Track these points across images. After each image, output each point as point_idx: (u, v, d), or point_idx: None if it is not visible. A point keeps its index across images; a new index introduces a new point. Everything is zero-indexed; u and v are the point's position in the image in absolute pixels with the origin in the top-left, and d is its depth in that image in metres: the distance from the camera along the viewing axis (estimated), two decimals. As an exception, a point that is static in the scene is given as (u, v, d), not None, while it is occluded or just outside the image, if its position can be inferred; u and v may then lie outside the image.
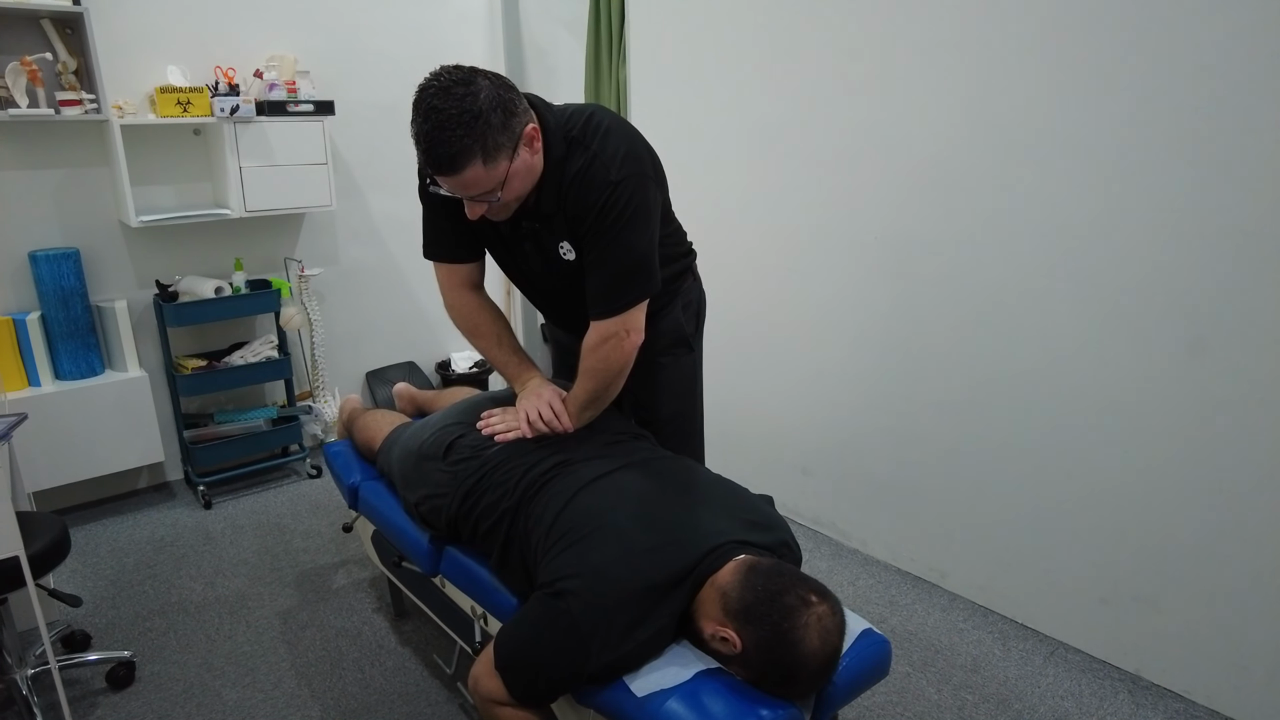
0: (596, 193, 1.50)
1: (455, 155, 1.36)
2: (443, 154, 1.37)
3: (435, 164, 1.39)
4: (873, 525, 2.72)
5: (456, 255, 1.74)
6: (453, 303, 1.81)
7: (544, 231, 1.61)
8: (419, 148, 1.40)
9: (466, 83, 1.36)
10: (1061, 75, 1.98)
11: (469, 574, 1.69)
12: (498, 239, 1.71)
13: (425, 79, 1.40)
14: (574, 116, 1.56)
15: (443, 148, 1.36)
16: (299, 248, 3.45)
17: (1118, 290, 1.97)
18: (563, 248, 1.62)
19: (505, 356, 1.82)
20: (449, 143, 1.36)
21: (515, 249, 1.69)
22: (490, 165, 1.40)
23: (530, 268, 1.72)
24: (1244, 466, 1.84)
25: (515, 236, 1.66)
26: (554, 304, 1.87)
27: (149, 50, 2.94)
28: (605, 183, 1.50)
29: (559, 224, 1.58)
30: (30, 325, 2.75)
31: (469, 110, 1.35)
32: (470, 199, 1.46)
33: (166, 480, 3.32)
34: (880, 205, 2.44)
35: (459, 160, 1.37)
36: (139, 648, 2.27)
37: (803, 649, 1.22)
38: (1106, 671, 2.14)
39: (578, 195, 1.52)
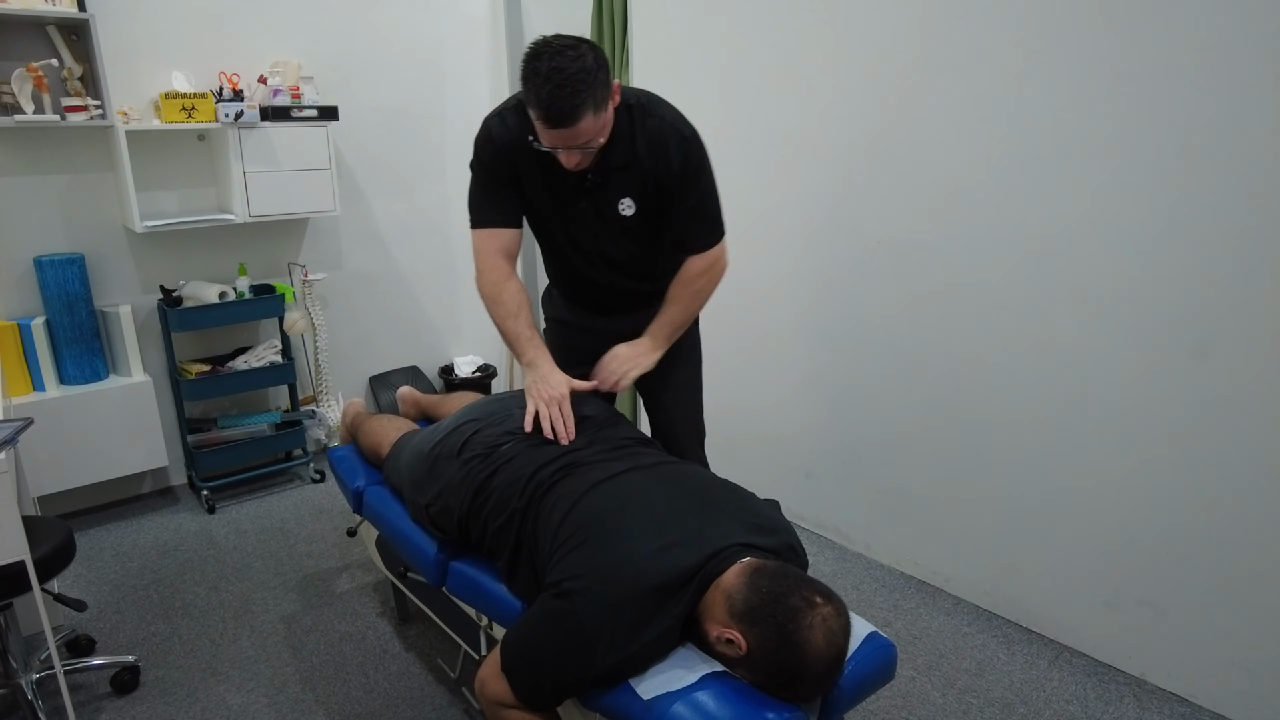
0: (677, 147, 1.73)
1: (576, 107, 1.53)
2: (565, 107, 1.53)
3: (557, 117, 1.54)
4: (877, 529, 2.72)
5: (503, 221, 1.83)
6: (486, 268, 1.84)
7: (607, 187, 1.76)
8: (538, 105, 1.54)
9: (575, 46, 1.55)
10: (1064, 77, 1.98)
11: (475, 588, 1.68)
12: (555, 204, 1.81)
13: (534, 47, 1.55)
14: (628, 91, 1.76)
15: (565, 102, 1.52)
16: (303, 253, 3.46)
17: (1121, 294, 1.97)
18: (623, 204, 1.78)
19: (518, 329, 1.83)
20: (571, 97, 1.52)
21: (572, 211, 1.82)
22: (598, 115, 1.58)
23: (584, 228, 1.84)
24: (1249, 470, 1.84)
25: (575, 195, 1.79)
26: (592, 271, 1.92)
27: (154, 56, 2.95)
28: (681, 138, 1.74)
29: (625, 180, 1.75)
30: (35, 330, 2.76)
31: (585, 69, 1.53)
32: (575, 148, 1.62)
33: (170, 485, 3.33)
34: (883, 210, 2.44)
35: (578, 112, 1.54)
36: (143, 652, 2.27)
37: (808, 650, 1.22)
38: (1111, 675, 2.13)
39: (659, 152, 1.72)
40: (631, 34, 3.20)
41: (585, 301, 2.02)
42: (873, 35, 2.37)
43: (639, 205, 1.79)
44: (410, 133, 3.63)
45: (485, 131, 1.79)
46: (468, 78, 3.77)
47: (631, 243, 1.85)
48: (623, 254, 1.86)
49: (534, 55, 1.55)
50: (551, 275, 2.08)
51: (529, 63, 1.55)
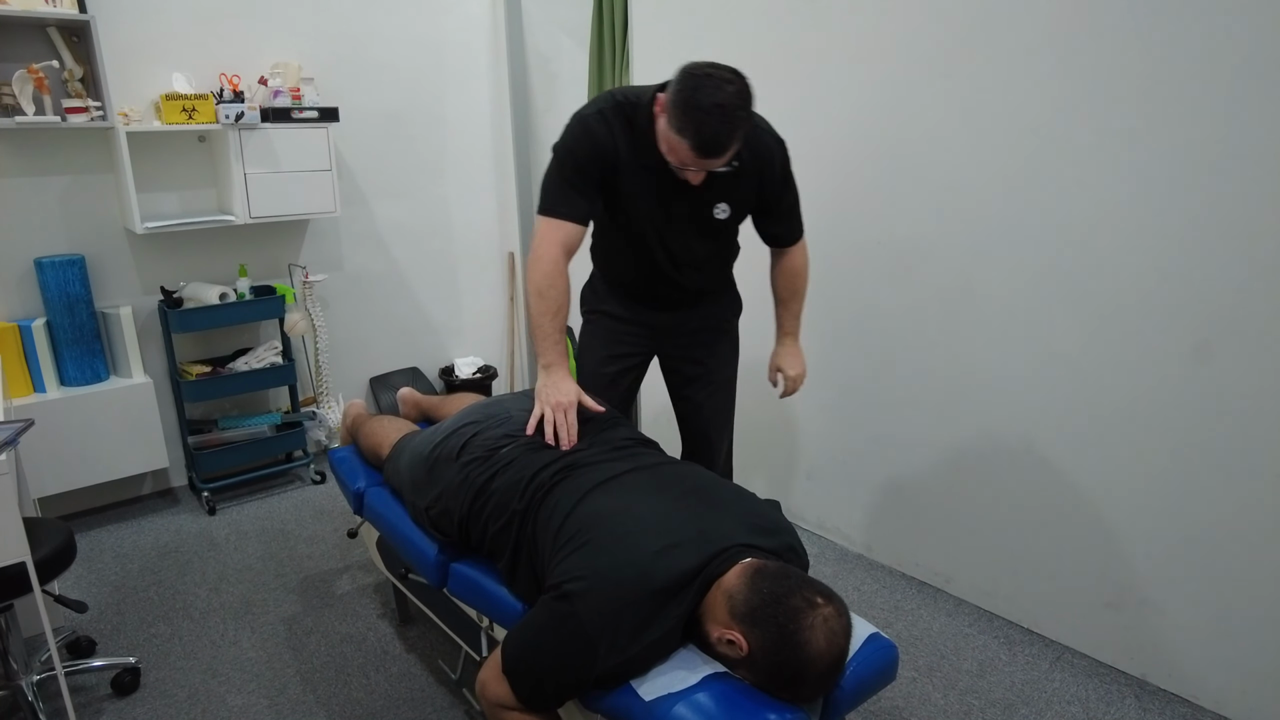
0: (777, 152, 1.88)
1: (730, 143, 1.60)
2: (724, 143, 1.59)
3: (712, 150, 1.60)
4: (877, 530, 2.72)
5: (577, 217, 1.83)
6: (545, 256, 1.81)
7: (707, 191, 1.82)
8: (696, 137, 1.57)
9: (734, 81, 1.58)
10: (1065, 79, 1.99)
11: (476, 589, 1.68)
12: (652, 205, 1.86)
13: (696, 77, 1.57)
14: None
15: (725, 138, 1.58)
16: (303, 254, 3.46)
17: (1122, 295, 1.97)
18: (719, 208, 1.87)
19: (552, 330, 1.82)
20: (730, 134, 1.58)
21: (668, 210, 1.87)
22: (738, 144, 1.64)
23: (675, 228, 1.90)
24: (1250, 470, 1.84)
25: (674, 197, 1.84)
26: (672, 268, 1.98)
27: (155, 58, 2.95)
28: (778, 142, 1.88)
29: (726, 184, 1.82)
30: (36, 331, 2.76)
31: (744, 105, 1.59)
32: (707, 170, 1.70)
33: (171, 486, 3.33)
34: (884, 210, 2.45)
35: (731, 145, 1.61)
36: (144, 654, 2.27)
37: (809, 651, 1.22)
38: (1113, 676, 2.13)
39: (764, 158, 1.84)
40: (632, 35, 3.20)
41: (648, 297, 2.05)
42: (873, 36, 2.37)
43: (733, 209, 1.88)
44: (411, 134, 3.64)
45: (583, 128, 1.79)
46: (468, 79, 3.77)
47: (714, 242, 1.97)
48: (706, 252, 1.97)
49: (697, 85, 1.56)
50: (612, 271, 2.09)
51: (691, 92, 1.56)
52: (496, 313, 4.15)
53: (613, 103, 1.78)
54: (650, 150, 1.75)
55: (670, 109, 1.60)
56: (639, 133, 1.75)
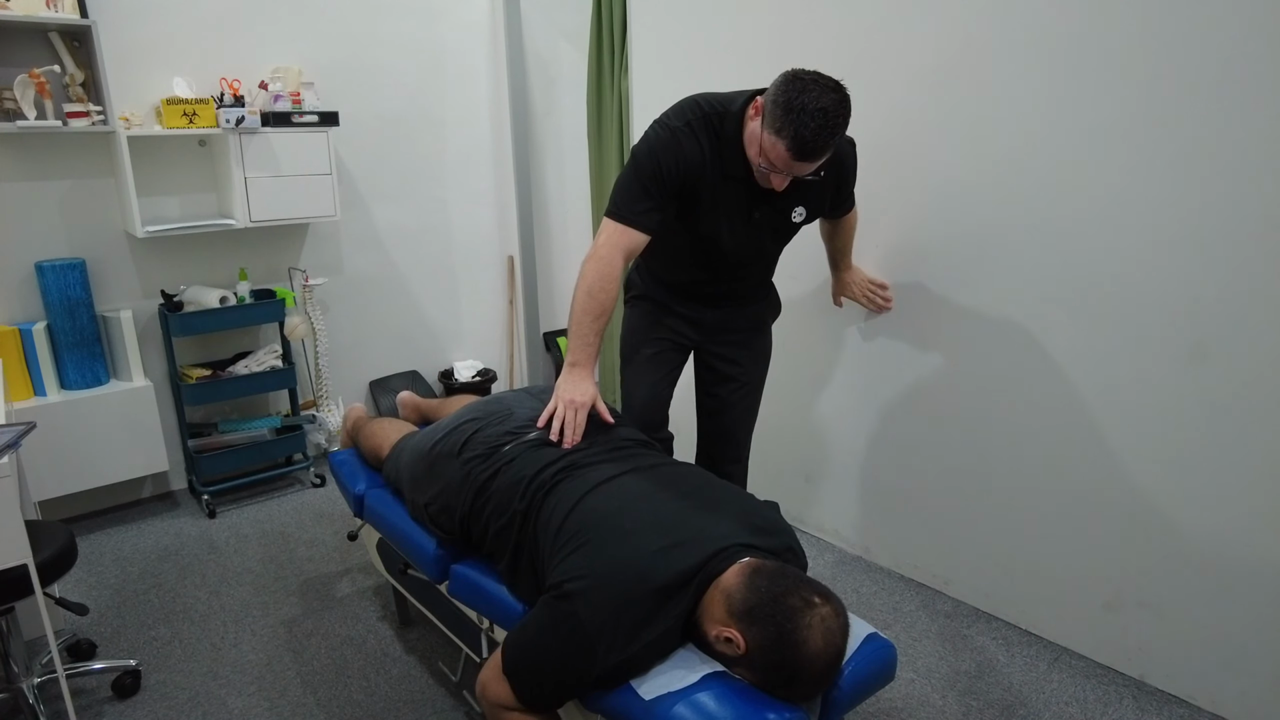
0: (849, 155, 1.96)
1: (826, 148, 1.62)
2: (822, 147, 1.60)
3: (809, 153, 1.61)
4: (876, 532, 2.72)
5: (647, 225, 1.83)
6: (606, 257, 1.80)
7: (786, 196, 1.85)
8: (795, 139, 1.58)
9: (838, 89, 1.60)
10: (1062, 81, 2.00)
11: (476, 589, 1.69)
12: (731, 212, 1.88)
13: (802, 80, 1.59)
14: None
15: (824, 142, 1.60)
16: (303, 257, 3.47)
17: (1119, 296, 1.98)
18: (796, 212, 1.91)
19: (590, 333, 1.80)
20: (829, 139, 1.60)
21: (745, 218, 1.89)
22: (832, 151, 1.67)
23: (751, 232, 1.92)
24: (1246, 471, 1.85)
25: (752, 204, 1.86)
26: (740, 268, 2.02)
27: (155, 62, 2.97)
28: (851, 144, 1.95)
29: (804, 189, 1.85)
30: (36, 335, 2.77)
31: (845, 113, 1.61)
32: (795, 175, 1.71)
33: (171, 490, 3.33)
34: (882, 213, 2.45)
35: (828, 150, 1.63)
36: (144, 656, 2.27)
37: (807, 650, 1.22)
38: (1111, 677, 2.14)
39: (840, 159, 1.89)
40: (630, 39, 3.21)
41: (700, 295, 2.09)
42: (872, 38, 2.38)
43: (809, 211, 1.93)
44: (410, 138, 3.65)
45: (673, 139, 1.78)
46: (467, 84, 3.78)
47: (784, 244, 2.03)
48: (773, 253, 2.06)
49: (801, 88, 1.57)
50: (667, 269, 2.10)
51: (794, 94, 1.57)
52: (496, 316, 4.16)
53: (700, 114, 1.78)
54: (737, 159, 1.76)
55: (770, 109, 1.62)
56: (726, 141, 1.76)
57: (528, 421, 1.78)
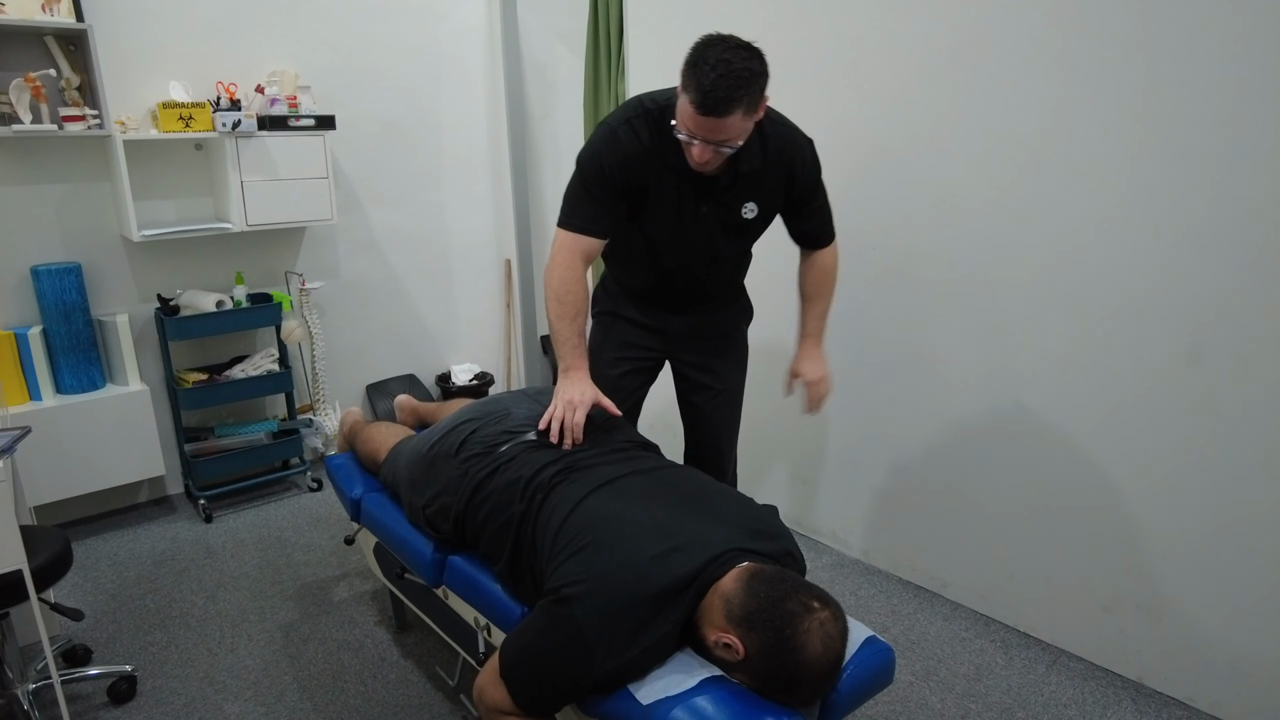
0: (804, 150, 1.88)
1: (731, 100, 1.57)
2: (721, 97, 1.57)
3: (712, 104, 1.58)
4: (874, 535, 2.72)
5: (597, 230, 1.86)
6: (563, 264, 1.83)
7: (733, 192, 1.84)
8: (698, 90, 1.57)
9: (748, 47, 1.61)
10: (1060, 83, 2.00)
11: (472, 585, 1.69)
12: (680, 208, 1.87)
13: (710, 37, 1.62)
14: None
15: (724, 92, 1.56)
16: (300, 261, 3.46)
17: (1116, 299, 1.99)
18: (746, 208, 1.88)
19: (571, 335, 1.83)
20: (731, 89, 1.56)
21: (692, 213, 1.87)
22: (746, 117, 1.63)
23: (702, 230, 1.90)
24: (1244, 473, 1.85)
25: (698, 199, 1.85)
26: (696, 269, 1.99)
27: (152, 66, 2.96)
28: (807, 142, 1.89)
29: (752, 184, 1.84)
30: (32, 339, 2.76)
31: (750, 69, 1.59)
32: (712, 143, 1.66)
33: (167, 494, 3.32)
34: (878, 215, 2.46)
35: (731, 105, 1.58)
36: (140, 662, 2.26)
37: (805, 655, 1.22)
38: (1109, 679, 2.14)
39: (791, 156, 1.85)
40: (627, 42, 3.21)
41: (663, 301, 2.06)
42: (869, 39, 2.39)
43: (761, 208, 1.89)
44: (407, 142, 3.65)
45: (612, 138, 1.79)
46: (464, 87, 3.78)
47: (741, 243, 1.99)
48: (732, 253, 1.99)
49: (706, 44, 1.60)
50: (628, 275, 2.08)
51: (699, 50, 1.60)
52: (493, 319, 4.16)
53: (641, 110, 1.79)
54: (679, 151, 1.74)
55: (680, 73, 1.63)
56: (668, 133, 1.74)
57: (525, 421, 1.78)
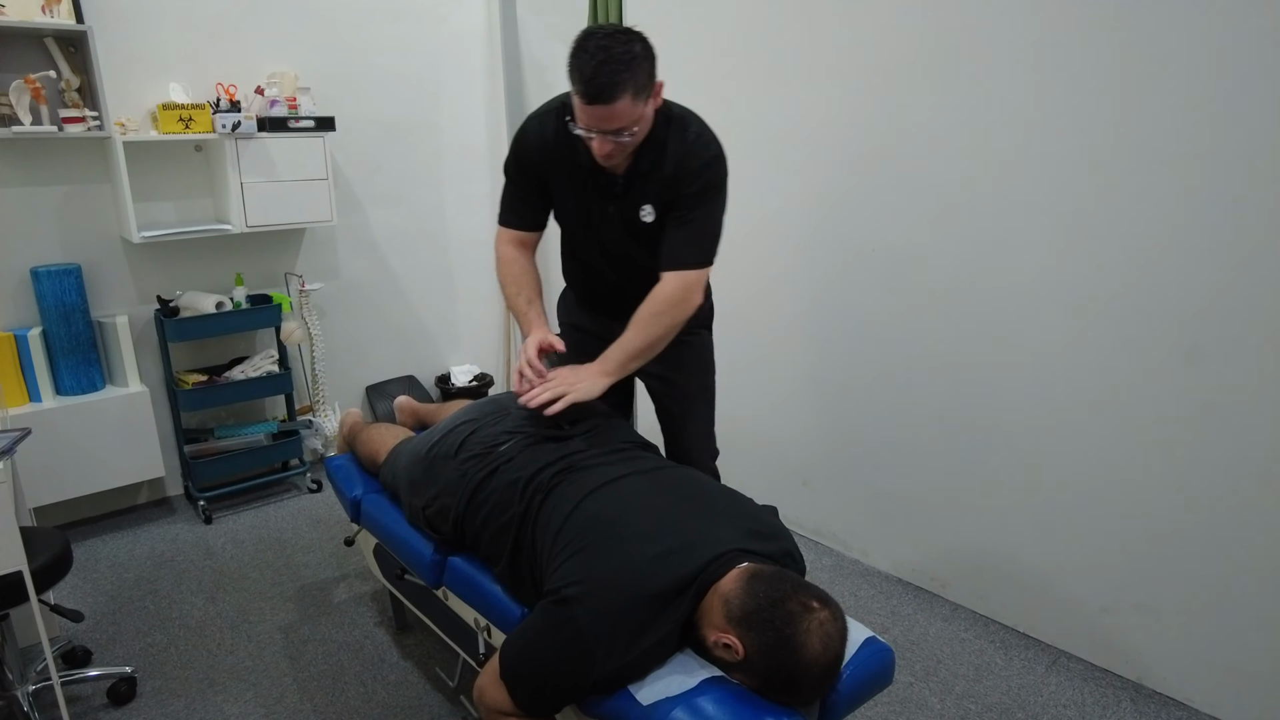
0: (702, 160, 1.76)
1: (615, 85, 1.55)
2: (605, 83, 1.55)
3: (596, 92, 1.56)
4: (874, 536, 2.72)
5: (528, 224, 1.93)
6: (504, 254, 1.94)
7: (633, 192, 1.79)
8: (580, 79, 1.56)
9: (627, 33, 1.60)
10: (1057, 84, 2.01)
11: (472, 585, 1.69)
12: (583, 200, 1.84)
13: (589, 28, 1.60)
14: (669, 103, 1.79)
15: (606, 78, 1.54)
16: (299, 262, 3.46)
17: (1114, 299, 1.99)
18: (644, 210, 1.80)
19: (526, 307, 1.91)
20: (612, 74, 1.54)
21: (599, 212, 1.85)
22: (636, 101, 1.59)
23: (606, 230, 1.87)
24: (1243, 473, 1.85)
25: (603, 199, 1.82)
26: (608, 273, 1.96)
27: (151, 68, 2.96)
28: (709, 154, 1.77)
29: (648, 187, 1.77)
30: (32, 341, 2.76)
31: (630, 53, 1.57)
32: (607, 133, 1.62)
33: (167, 495, 3.32)
34: (877, 217, 2.46)
35: (617, 90, 1.55)
36: (140, 663, 2.26)
37: (805, 655, 1.22)
38: (1109, 680, 2.14)
39: (684, 160, 1.75)
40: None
41: (600, 305, 2.04)
42: (869, 41, 2.39)
43: (658, 212, 1.81)
44: (407, 143, 3.65)
45: (522, 132, 1.84)
46: (463, 89, 3.78)
47: (650, 249, 1.85)
48: (642, 259, 1.86)
49: (586, 35, 1.58)
50: (569, 278, 2.11)
51: (579, 42, 1.58)
52: (492, 320, 4.16)
53: (558, 103, 1.79)
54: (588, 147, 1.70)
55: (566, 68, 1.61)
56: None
57: (524, 421, 1.78)
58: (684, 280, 1.78)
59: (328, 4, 3.32)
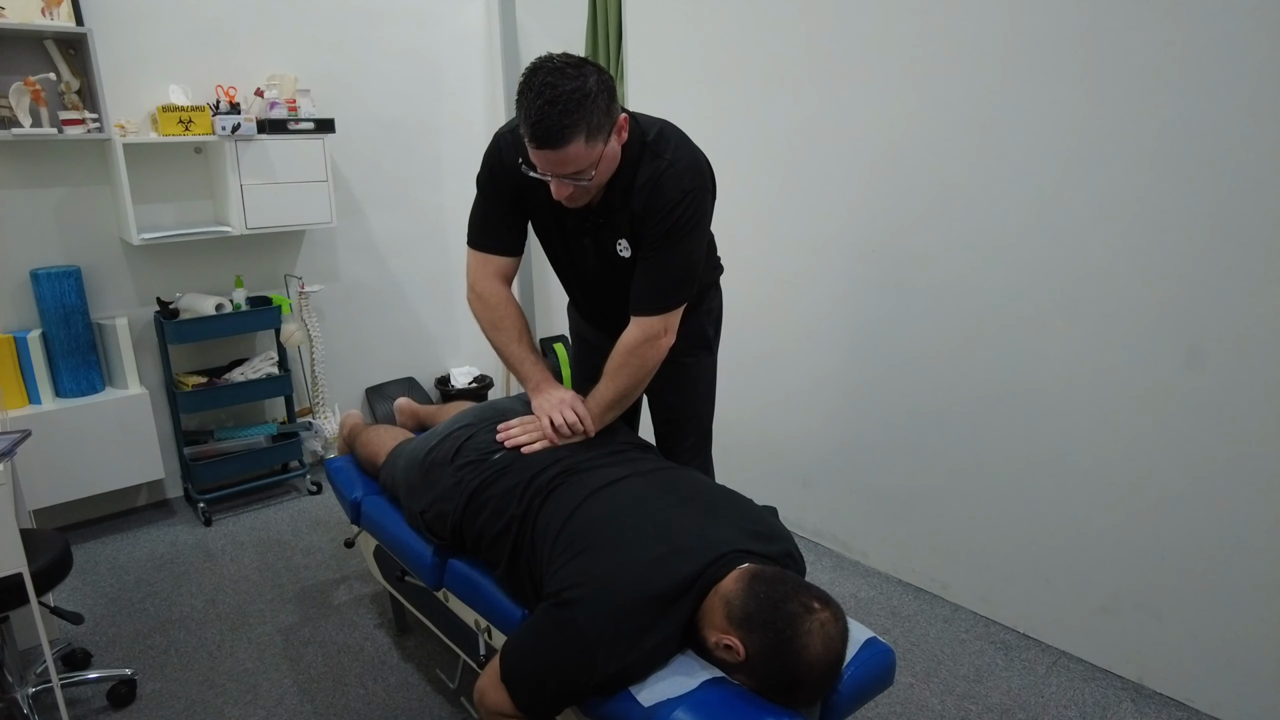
0: (668, 198, 1.58)
1: (564, 129, 1.42)
2: (553, 127, 1.42)
3: (543, 137, 1.43)
4: (874, 537, 2.72)
5: (503, 248, 1.78)
6: (482, 292, 1.80)
7: (606, 227, 1.67)
8: (527, 122, 1.44)
9: (578, 66, 1.45)
10: (1059, 86, 2.01)
11: (473, 586, 1.69)
12: (559, 232, 1.74)
13: (536, 61, 1.46)
14: (646, 124, 1.64)
15: (553, 121, 1.41)
16: (299, 264, 3.46)
17: (1116, 301, 1.99)
18: (620, 245, 1.68)
19: (522, 354, 1.81)
20: (560, 117, 1.41)
21: (574, 243, 1.74)
22: (590, 144, 1.46)
23: (585, 263, 1.77)
24: (1243, 474, 1.85)
25: (578, 231, 1.71)
26: (596, 299, 1.89)
27: (151, 70, 2.96)
28: (678, 190, 1.58)
29: (621, 221, 1.65)
30: (31, 343, 2.76)
31: (580, 90, 1.42)
32: (563, 178, 1.50)
33: (166, 497, 3.32)
34: (878, 216, 2.46)
35: (566, 135, 1.42)
36: (140, 665, 2.26)
37: (806, 655, 1.22)
38: (1109, 680, 2.14)
39: (649, 197, 1.59)
40: (626, 47, 3.22)
41: (597, 321, 1.97)
42: (872, 43, 2.39)
43: (634, 247, 1.68)
44: (406, 145, 3.65)
45: (495, 146, 1.70)
46: (463, 91, 3.79)
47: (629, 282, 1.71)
48: (623, 291, 1.73)
49: (532, 70, 1.46)
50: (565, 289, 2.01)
51: (525, 78, 1.46)
52: (492, 322, 4.16)
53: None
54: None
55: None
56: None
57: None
58: (645, 329, 1.67)
59: (327, 6, 3.32)
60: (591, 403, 1.74)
